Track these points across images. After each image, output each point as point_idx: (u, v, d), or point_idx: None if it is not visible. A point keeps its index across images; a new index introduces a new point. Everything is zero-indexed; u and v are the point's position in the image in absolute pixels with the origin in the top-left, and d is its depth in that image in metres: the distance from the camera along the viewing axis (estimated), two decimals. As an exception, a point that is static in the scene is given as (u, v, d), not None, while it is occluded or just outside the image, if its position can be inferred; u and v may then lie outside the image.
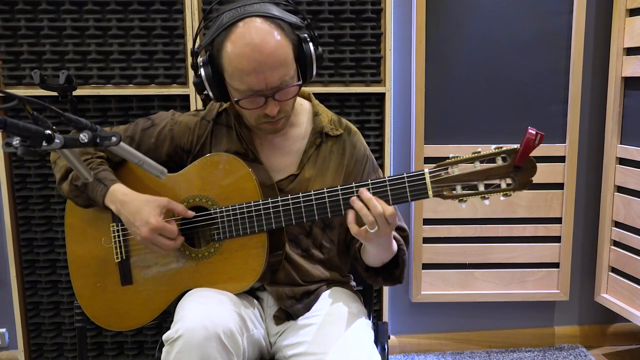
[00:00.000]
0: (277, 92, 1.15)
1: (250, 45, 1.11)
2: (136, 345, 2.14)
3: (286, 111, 1.22)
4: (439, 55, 2.08)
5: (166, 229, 1.19)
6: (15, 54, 1.96)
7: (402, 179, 1.13)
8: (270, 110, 1.17)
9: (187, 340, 1.05)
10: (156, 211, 1.20)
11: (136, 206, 1.21)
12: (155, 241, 1.20)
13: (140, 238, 1.21)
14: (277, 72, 1.13)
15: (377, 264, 1.27)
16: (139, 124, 1.35)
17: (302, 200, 1.19)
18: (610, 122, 2.11)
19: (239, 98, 1.17)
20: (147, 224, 1.18)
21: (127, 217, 1.22)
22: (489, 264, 2.21)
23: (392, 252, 1.22)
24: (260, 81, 1.13)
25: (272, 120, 1.20)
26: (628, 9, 2.02)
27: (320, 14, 1.99)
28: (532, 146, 1.07)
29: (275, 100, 1.17)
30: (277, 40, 1.12)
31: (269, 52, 1.11)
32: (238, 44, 1.12)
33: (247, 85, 1.14)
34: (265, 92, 1.15)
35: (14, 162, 2.03)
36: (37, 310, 2.12)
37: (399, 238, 1.27)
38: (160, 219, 1.19)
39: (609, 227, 2.16)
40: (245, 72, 1.12)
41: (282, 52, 1.13)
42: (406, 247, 1.29)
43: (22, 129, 0.83)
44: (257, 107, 1.18)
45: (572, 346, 2.33)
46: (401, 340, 2.33)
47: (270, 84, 1.14)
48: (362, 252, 1.28)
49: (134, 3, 1.94)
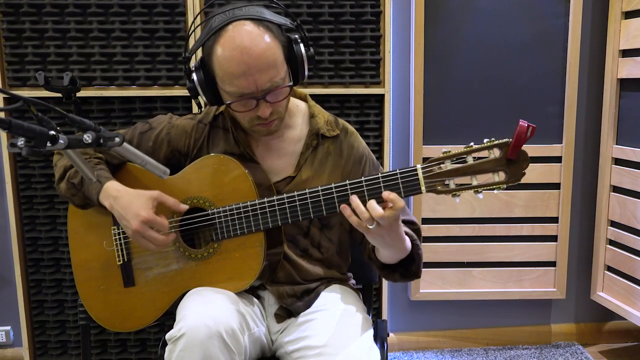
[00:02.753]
0: (268, 93, 1.16)
1: (239, 48, 1.12)
2: (139, 343, 2.17)
3: (279, 112, 1.22)
4: (437, 57, 2.10)
5: (157, 221, 1.19)
6: (20, 56, 1.98)
7: (394, 175, 1.13)
8: (262, 112, 1.18)
9: (189, 338, 1.06)
10: (148, 204, 1.20)
11: (128, 200, 1.21)
12: (145, 234, 1.19)
13: (131, 232, 1.20)
14: (266, 74, 1.13)
15: (393, 260, 1.24)
16: (137, 127, 1.36)
17: (298, 199, 1.19)
18: (606, 123, 2.13)
19: (230, 101, 1.18)
20: (138, 216, 1.18)
21: (119, 211, 1.22)
22: (487, 262, 2.22)
23: (404, 248, 1.20)
24: (250, 84, 1.13)
25: (265, 122, 1.21)
26: (624, 12, 2.04)
27: (320, 16, 2.01)
28: (523, 138, 1.04)
29: (267, 102, 1.17)
30: (266, 43, 1.13)
31: (257, 54, 1.12)
32: (227, 47, 1.13)
33: (237, 88, 1.15)
34: (256, 94, 1.15)
35: (18, 162, 2.05)
36: (41, 308, 2.14)
37: (411, 233, 1.25)
38: (152, 211, 1.19)
39: (605, 226, 2.18)
40: (235, 75, 1.13)
41: (271, 53, 1.14)
42: (419, 240, 1.27)
43: (26, 130, 0.84)
44: (249, 109, 1.18)
45: (569, 343, 2.35)
46: (400, 337, 2.35)
47: (260, 86, 1.14)
48: (376, 251, 1.26)
49: (137, 6, 1.96)
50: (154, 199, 1.22)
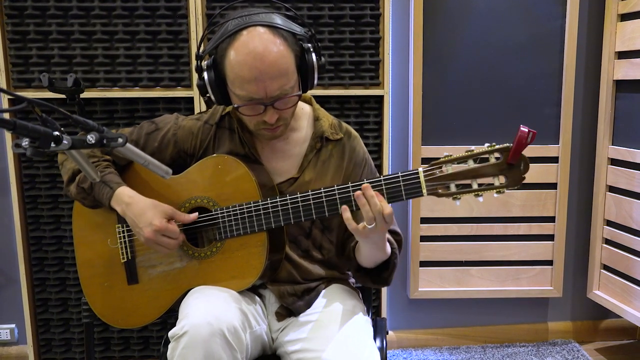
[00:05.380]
0: (277, 101, 1.17)
1: (252, 54, 1.12)
2: (142, 341, 2.19)
3: (285, 119, 1.23)
4: (436, 58, 2.12)
5: (169, 229, 1.22)
6: (24, 58, 2.00)
7: (397, 178, 1.15)
8: (269, 118, 1.19)
9: (192, 336, 1.08)
10: (160, 215, 1.23)
11: (141, 208, 1.24)
12: (158, 241, 1.22)
13: (144, 239, 1.23)
14: (277, 82, 1.14)
15: (370, 264, 1.28)
16: (143, 127, 1.36)
17: (300, 200, 1.21)
18: (602, 124, 2.15)
19: (239, 105, 1.19)
20: (151, 225, 1.21)
21: (131, 218, 1.25)
22: (485, 261, 2.24)
23: (385, 253, 1.23)
24: (260, 90, 1.14)
25: (271, 127, 1.22)
26: (619, 14, 2.06)
27: (320, 18, 2.03)
28: (524, 144, 1.06)
29: (275, 108, 1.18)
30: (279, 50, 1.14)
31: (270, 61, 1.13)
32: (241, 51, 1.13)
33: (247, 93, 1.16)
34: (264, 100, 1.16)
35: (23, 162, 2.07)
36: (45, 307, 2.16)
37: (393, 241, 1.28)
38: (164, 221, 1.22)
39: (601, 225, 2.19)
40: (246, 80, 1.14)
41: (283, 62, 1.14)
42: (399, 251, 1.30)
43: (31, 131, 0.85)
44: (256, 114, 1.20)
45: (565, 341, 2.37)
46: (399, 335, 2.37)
47: (270, 93, 1.15)
48: (357, 252, 1.28)
49: (140, 8, 1.98)
50: (167, 214, 1.24)
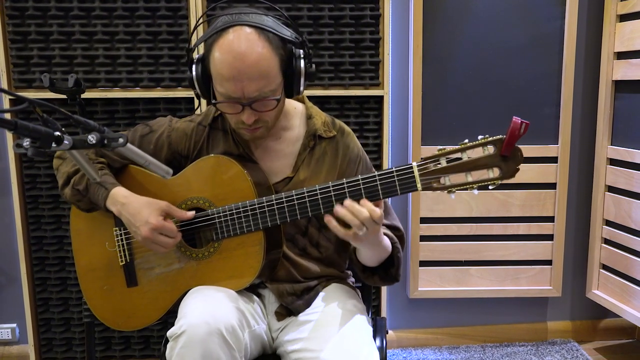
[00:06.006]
0: (255, 102, 1.16)
1: (234, 53, 1.12)
2: (142, 340, 2.20)
3: (265, 122, 1.23)
4: (436, 59, 2.12)
5: (166, 227, 1.22)
6: (25, 58, 2.01)
7: (391, 173, 1.14)
8: (247, 118, 1.19)
9: (190, 336, 1.08)
10: (156, 212, 1.23)
11: (136, 207, 1.24)
12: (156, 240, 1.22)
13: (141, 238, 1.23)
14: (255, 83, 1.14)
15: (373, 263, 1.28)
16: (137, 130, 1.36)
17: (296, 199, 1.20)
18: (601, 124, 2.16)
19: (218, 101, 1.20)
20: (148, 223, 1.21)
21: (127, 218, 1.25)
22: (484, 261, 2.24)
23: (385, 250, 1.24)
24: (237, 89, 1.14)
25: (249, 127, 1.22)
26: (618, 15, 2.06)
27: (320, 19, 2.03)
28: (517, 135, 1.06)
29: (252, 109, 1.18)
30: (261, 52, 1.13)
31: (250, 62, 1.12)
32: (224, 49, 1.14)
33: (225, 90, 1.16)
34: (242, 100, 1.16)
35: (24, 162, 2.08)
36: (46, 306, 2.17)
37: (393, 236, 1.28)
38: (161, 219, 1.22)
39: (600, 225, 2.20)
40: (225, 78, 1.14)
41: (264, 64, 1.14)
42: (401, 247, 1.30)
43: (32, 131, 0.85)
44: (234, 112, 1.20)
45: (564, 341, 2.37)
46: (399, 335, 2.37)
47: (247, 94, 1.15)
48: (358, 254, 1.29)
49: (140, 9, 1.98)
50: (163, 210, 1.24)
